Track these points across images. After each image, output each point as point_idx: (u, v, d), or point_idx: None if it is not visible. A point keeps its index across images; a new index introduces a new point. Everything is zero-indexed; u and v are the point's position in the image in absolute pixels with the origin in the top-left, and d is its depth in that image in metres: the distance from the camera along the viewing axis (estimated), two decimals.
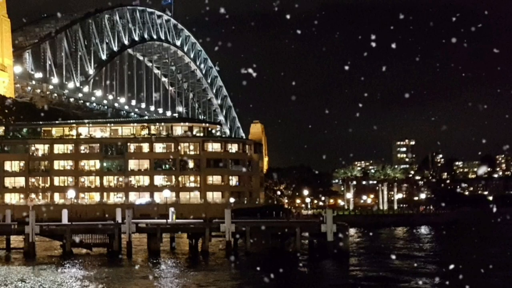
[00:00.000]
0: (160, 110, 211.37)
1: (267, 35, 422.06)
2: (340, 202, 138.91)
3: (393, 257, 59.10)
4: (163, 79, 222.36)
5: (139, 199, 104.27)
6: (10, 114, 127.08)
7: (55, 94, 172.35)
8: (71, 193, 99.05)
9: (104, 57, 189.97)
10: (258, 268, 48.73)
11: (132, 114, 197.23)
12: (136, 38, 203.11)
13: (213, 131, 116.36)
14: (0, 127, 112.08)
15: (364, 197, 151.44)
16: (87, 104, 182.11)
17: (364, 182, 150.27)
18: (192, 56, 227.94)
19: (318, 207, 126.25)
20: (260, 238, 60.62)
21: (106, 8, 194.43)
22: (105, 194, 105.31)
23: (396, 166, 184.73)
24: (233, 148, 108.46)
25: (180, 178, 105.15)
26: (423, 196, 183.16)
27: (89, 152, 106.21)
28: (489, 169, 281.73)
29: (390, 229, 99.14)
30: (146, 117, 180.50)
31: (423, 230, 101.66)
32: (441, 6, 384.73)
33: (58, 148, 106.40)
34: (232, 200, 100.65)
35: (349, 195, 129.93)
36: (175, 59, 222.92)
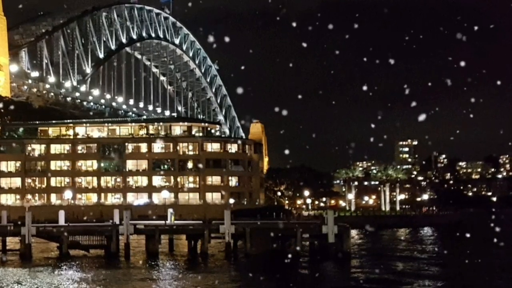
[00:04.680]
0: (159, 110, 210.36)
1: (267, 34, 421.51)
2: (342, 203, 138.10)
3: (395, 259, 58.50)
4: (162, 78, 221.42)
5: (137, 200, 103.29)
6: (6, 113, 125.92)
7: (52, 93, 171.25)
8: (68, 194, 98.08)
9: (101, 55, 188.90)
10: (258, 270, 48.36)
11: (130, 113, 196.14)
12: (134, 37, 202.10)
13: (213, 131, 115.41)
14: None
15: (366, 198, 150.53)
16: (84, 103, 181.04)
17: (366, 183, 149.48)
18: (191, 54, 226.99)
19: (319, 208, 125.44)
20: (260, 239, 59.80)
21: (104, 6, 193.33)
22: (102, 195, 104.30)
23: (398, 167, 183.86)
24: (233, 148, 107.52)
25: (179, 179, 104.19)
26: (425, 197, 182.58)
27: (87, 152, 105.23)
28: (492, 169, 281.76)
29: (393, 230, 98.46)
30: (144, 117, 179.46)
31: (426, 231, 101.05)
32: (444, 4, 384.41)
33: (55, 148, 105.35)
34: (231, 201, 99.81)
35: (351, 196, 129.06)
36: (174, 58, 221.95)
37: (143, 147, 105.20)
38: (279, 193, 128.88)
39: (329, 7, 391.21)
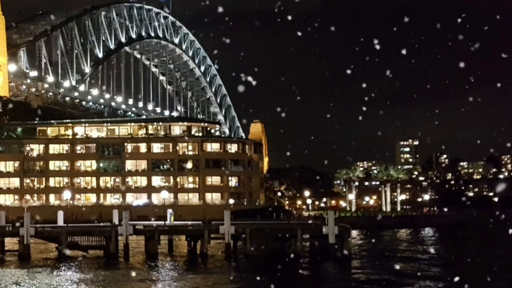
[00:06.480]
0: (158, 110, 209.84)
1: (267, 33, 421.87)
2: (342, 204, 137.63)
3: (396, 259, 58.20)
4: (161, 77, 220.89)
5: (137, 200, 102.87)
6: (4, 113, 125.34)
7: (51, 93, 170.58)
8: (66, 194, 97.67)
9: (100, 55, 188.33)
10: (258, 271, 48.13)
11: (129, 113, 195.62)
12: (134, 36, 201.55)
13: (212, 130, 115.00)
14: None
15: (367, 198, 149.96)
16: (83, 103, 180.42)
17: (366, 183, 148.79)
18: (190, 54, 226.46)
19: (320, 208, 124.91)
20: (260, 240, 59.37)
21: (103, 5, 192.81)
22: (101, 195, 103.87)
23: (399, 167, 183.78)
24: (233, 148, 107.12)
25: (178, 179, 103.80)
26: (427, 197, 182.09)
27: (85, 152, 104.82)
28: (494, 169, 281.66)
29: (393, 231, 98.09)
30: (144, 117, 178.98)
31: (427, 232, 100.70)
32: (444, 4, 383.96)
33: (54, 148, 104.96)
34: (231, 201, 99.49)
35: (351, 196, 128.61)
36: (173, 57, 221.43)
37: (143, 147, 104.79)
38: (279, 194, 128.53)
39: (330, 7, 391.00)
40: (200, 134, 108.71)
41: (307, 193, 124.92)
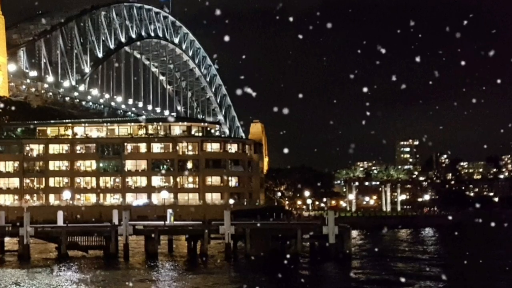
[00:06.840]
0: (158, 110, 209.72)
1: (267, 33, 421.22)
2: (342, 204, 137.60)
3: (396, 259, 58.16)
4: (161, 77, 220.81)
5: (136, 200, 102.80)
6: (4, 113, 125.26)
7: (50, 93, 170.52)
8: (66, 194, 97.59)
9: (100, 55, 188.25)
10: (258, 271, 48.06)
11: (129, 113, 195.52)
12: (133, 36, 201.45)
13: (212, 130, 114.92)
14: None
15: (367, 199, 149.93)
16: (83, 103, 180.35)
17: (366, 183, 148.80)
18: (190, 54, 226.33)
19: (320, 208, 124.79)
20: (260, 240, 59.32)
21: (103, 4, 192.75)
22: (101, 195, 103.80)
23: (399, 167, 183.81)
24: (233, 148, 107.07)
25: (178, 179, 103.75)
26: (427, 197, 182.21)
27: (85, 152, 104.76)
28: (494, 169, 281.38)
29: (393, 231, 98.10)
30: (144, 117, 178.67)
31: (427, 232, 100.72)
32: (445, 3, 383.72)
33: (53, 148, 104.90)
34: (231, 201, 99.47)
35: (351, 196, 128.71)
36: (173, 57, 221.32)
37: (142, 147, 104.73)
38: (279, 194, 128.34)
39: (331, 6, 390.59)
40: (200, 134, 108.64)
41: (307, 193, 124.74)
